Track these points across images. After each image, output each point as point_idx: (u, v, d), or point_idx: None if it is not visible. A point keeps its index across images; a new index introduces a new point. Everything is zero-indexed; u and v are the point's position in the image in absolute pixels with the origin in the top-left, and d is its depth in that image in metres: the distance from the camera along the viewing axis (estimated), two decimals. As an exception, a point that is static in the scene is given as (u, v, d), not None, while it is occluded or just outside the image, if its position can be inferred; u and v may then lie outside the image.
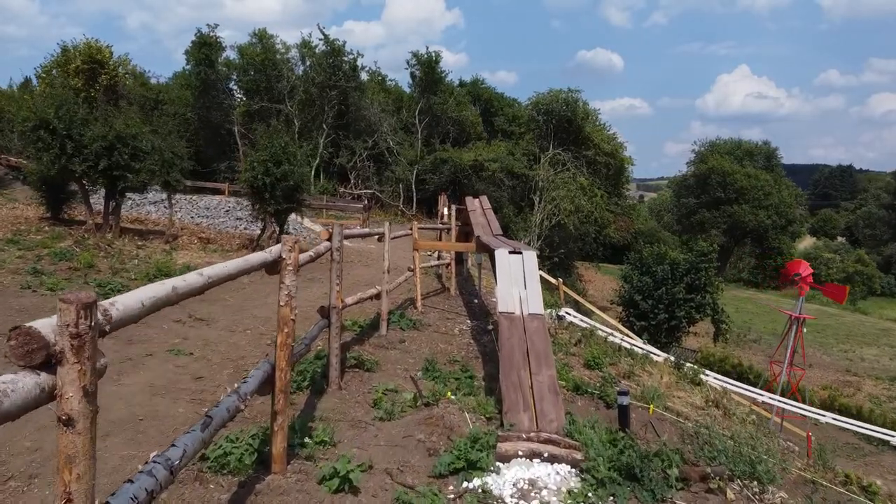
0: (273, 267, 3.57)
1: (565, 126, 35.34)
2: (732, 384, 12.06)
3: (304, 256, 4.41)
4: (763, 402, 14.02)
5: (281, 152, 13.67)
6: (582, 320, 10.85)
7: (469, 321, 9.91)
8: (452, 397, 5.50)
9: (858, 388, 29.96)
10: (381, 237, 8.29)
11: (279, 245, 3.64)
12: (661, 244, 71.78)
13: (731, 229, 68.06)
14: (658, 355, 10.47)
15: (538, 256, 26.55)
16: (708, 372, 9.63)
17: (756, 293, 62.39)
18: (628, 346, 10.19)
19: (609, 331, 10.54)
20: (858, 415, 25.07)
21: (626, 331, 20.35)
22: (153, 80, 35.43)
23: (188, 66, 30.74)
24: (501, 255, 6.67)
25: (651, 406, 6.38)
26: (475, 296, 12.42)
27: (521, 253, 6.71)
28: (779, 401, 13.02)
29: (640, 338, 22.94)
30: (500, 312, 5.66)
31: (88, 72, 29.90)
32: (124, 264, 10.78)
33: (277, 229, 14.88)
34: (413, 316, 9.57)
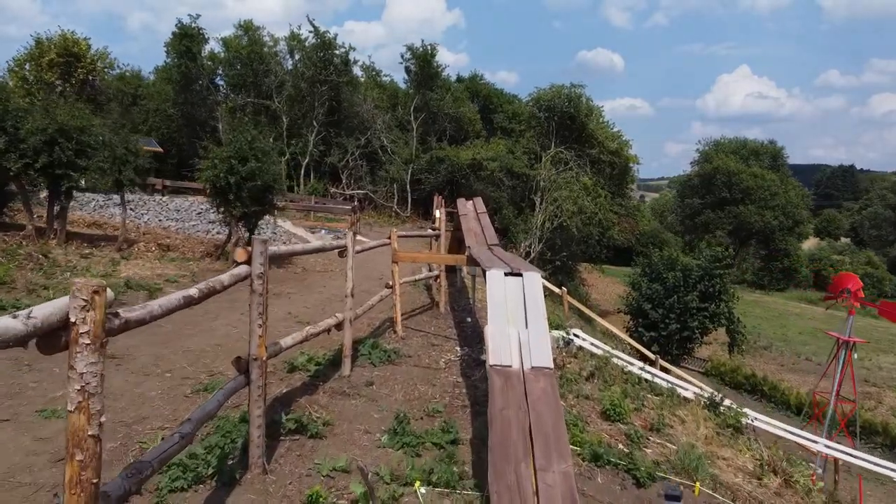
0: (49, 343, 1.88)
1: (567, 123, 33.64)
2: (778, 427, 10.22)
3: (168, 301, 2.70)
4: (820, 452, 12.19)
5: (247, 148, 12.00)
6: (593, 344, 9.18)
7: (459, 348, 8.24)
8: (422, 490, 3.83)
9: (879, 401, 28.24)
10: (342, 251, 6.53)
11: (58, 302, 1.94)
12: (667, 247, 70.02)
13: (737, 230, 66.49)
14: (685, 388, 8.80)
15: (540, 260, 24.72)
16: (750, 412, 8.01)
17: (763, 296, 60.59)
18: (649, 375, 8.53)
19: (628, 359, 8.88)
20: (885, 432, 23.39)
21: (640, 347, 18.67)
22: (147, 78, 33.81)
23: (168, 59, 29.06)
24: (495, 278, 4.99)
25: (697, 484, 4.71)
26: (468, 312, 10.75)
27: (520, 275, 5.04)
28: (842, 451, 11.20)
29: (650, 350, 21.28)
30: (491, 366, 3.98)
31: (63, 65, 28.26)
32: (50, 279, 9.11)
33: (246, 235, 13.21)
34: (390, 344, 7.90)
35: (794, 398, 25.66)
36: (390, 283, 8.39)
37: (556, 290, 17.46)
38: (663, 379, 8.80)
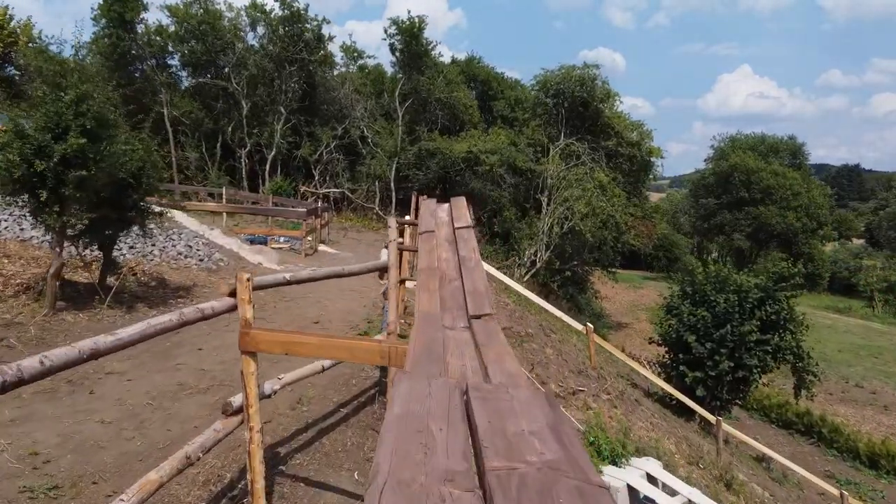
0: None
1: (579, 110, 28.68)
2: None
3: None
4: None
5: (69, 115, 7.08)
6: (669, 487, 4.29)
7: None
8: None
9: None
10: None
11: None
12: (676, 248, 64.72)
13: (756, 232, 61.63)
14: None
15: (548, 270, 19.59)
16: None
17: (786, 304, 55.62)
18: None
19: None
20: None
21: (693, 404, 13.77)
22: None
23: (97, 29, 24.04)
24: None
25: None
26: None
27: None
28: None
29: (694, 395, 16.35)
30: None
31: (-25, 38, 23.39)
32: None
33: (89, 258, 8.26)
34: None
35: (865, 446, 20.61)
36: (231, 405, 3.44)
37: (578, 325, 12.55)
38: None
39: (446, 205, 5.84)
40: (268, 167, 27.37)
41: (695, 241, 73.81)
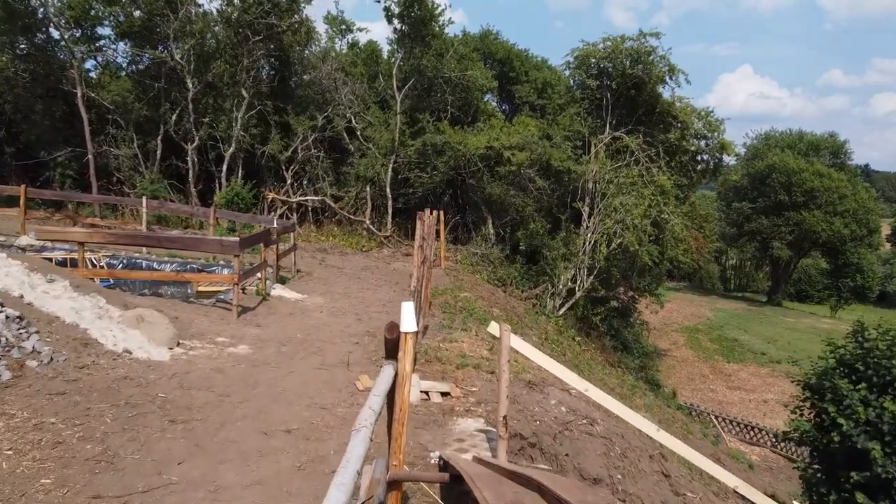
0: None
1: (630, 94, 22.15)
2: None
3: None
4: None
5: None
6: None
7: None
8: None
9: None
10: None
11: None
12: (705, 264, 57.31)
13: (799, 240, 55.01)
14: None
15: (590, 301, 12.35)
16: None
17: (837, 323, 48.63)
18: None
19: None
20: None
21: None
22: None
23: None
24: None
25: None
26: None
27: None
28: None
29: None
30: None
31: None
32: None
33: None
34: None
35: None
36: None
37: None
38: None
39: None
40: (224, 168, 20.87)
41: (714, 245, 67.28)
